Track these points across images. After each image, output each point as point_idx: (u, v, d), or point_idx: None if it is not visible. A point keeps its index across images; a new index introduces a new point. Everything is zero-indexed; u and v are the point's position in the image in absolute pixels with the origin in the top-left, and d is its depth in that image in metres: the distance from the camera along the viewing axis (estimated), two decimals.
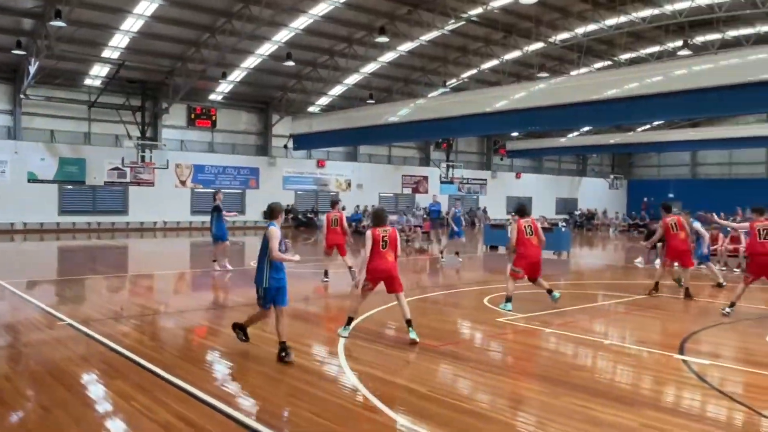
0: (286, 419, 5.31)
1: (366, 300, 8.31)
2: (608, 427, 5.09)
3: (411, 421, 5.13)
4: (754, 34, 29.50)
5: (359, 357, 7.14)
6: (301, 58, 30.27)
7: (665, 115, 27.86)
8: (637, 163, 55.16)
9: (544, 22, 29.19)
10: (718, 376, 6.72)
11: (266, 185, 35.52)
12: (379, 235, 7.98)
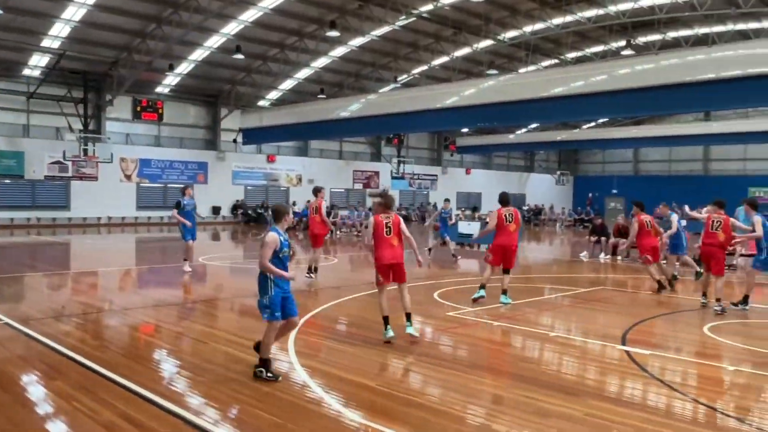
0: (234, 416, 5.24)
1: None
2: (555, 417, 5.20)
3: (361, 416, 5.13)
4: (693, 35, 30.59)
5: (309, 353, 7.11)
6: (251, 51, 29.84)
7: (609, 112, 28.69)
8: (583, 160, 56.56)
9: (493, 20, 29.58)
10: (659, 365, 6.94)
11: (215, 180, 34.92)
12: (382, 221, 7.76)
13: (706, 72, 17.26)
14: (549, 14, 28.83)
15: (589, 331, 8.69)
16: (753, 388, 6.39)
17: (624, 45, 30.65)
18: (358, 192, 42.06)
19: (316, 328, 8.38)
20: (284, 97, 36.73)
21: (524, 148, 49.90)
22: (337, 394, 5.66)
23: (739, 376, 6.70)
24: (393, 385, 6.09)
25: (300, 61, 31.70)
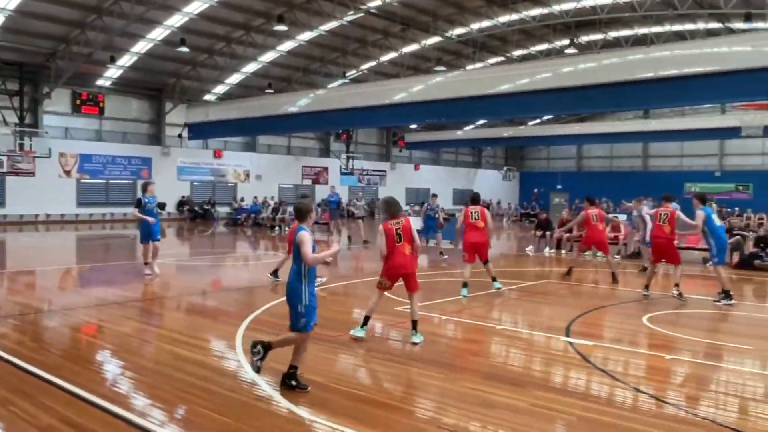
0: (181, 417, 5.14)
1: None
2: (501, 408, 5.31)
3: (310, 412, 5.11)
4: (633, 35, 31.55)
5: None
6: (196, 44, 29.23)
7: (554, 110, 29.29)
8: (528, 156, 57.69)
9: (440, 17, 29.82)
10: (601, 356, 7.16)
11: (159, 176, 34.01)
12: (392, 228, 7.44)
13: (645, 71, 17.79)
14: (495, 12, 29.24)
15: (535, 324, 8.88)
16: (689, 375, 6.67)
17: (567, 44, 31.39)
18: (307, 188, 41.83)
19: (265, 325, 8.29)
20: (231, 91, 36.14)
21: (472, 144, 50.55)
22: (285, 391, 5.62)
23: (675, 365, 6.97)
24: (343, 381, 6.09)
25: (247, 55, 31.24)
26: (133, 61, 30.67)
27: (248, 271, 15.57)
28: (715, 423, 5.08)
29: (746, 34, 22.43)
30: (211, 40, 29.87)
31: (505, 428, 4.90)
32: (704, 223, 10.35)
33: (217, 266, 15.98)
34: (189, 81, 33.71)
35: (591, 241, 13.08)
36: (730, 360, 7.28)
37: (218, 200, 36.60)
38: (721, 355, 7.51)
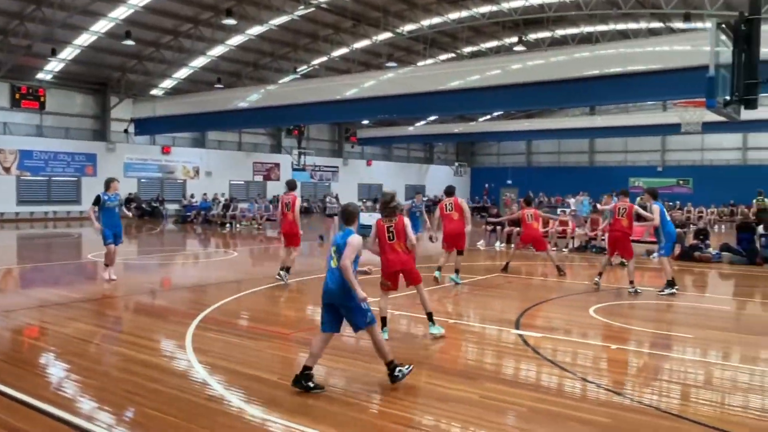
0: (129, 420, 5.02)
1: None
2: (453, 401, 5.37)
3: (263, 410, 5.07)
4: (579, 33, 32.31)
5: (208, 349, 6.92)
6: (142, 37, 28.50)
7: (503, 106, 29.78)
8: (479, 152, 58.43)
9: (391, 13, 29.90)
10: (550, 347, 7.32)
11: (105, 172, 32.97)
12: (383, 225, 7.32)
13: (590, 69, 18.23)
14: (445, 9, 29.49)
15: (486, 317, 9.02)
16: (634, 364, 6.88)
17: (516, 41, 31.92)
18: (258, 184, 41.38)
19: (215, 324, 8.18)
20: (179, 86, 35.41)
21: (423, 140, 50.91)
22: (237, 390, 5.56)
23: (621, 354, 7.19)
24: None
25: (195, 49, 30.66)
26: (75, 54, 29.70)
27: (198, 269, 15.31)
28: (658, 410, 5.25)
29: (686, 33, 23.23)
30: (157, 33, 29.18)
31: (458, 421, 4.96)
32: (659, 215, 10.81)
33: (167, 265, 15.66)
34: (135, 75, 32.84)
35: (527, 239, 13.59)
36: (673, 349, 7.55)
37: (167, 197, 35.87)
38: (664, 344, 7.78)
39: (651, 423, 4.96)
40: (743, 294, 12.03)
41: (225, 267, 15.01)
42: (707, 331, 8.27)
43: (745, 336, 8.17)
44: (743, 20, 7.72)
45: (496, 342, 7.70)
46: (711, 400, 5.60)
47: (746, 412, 5.26)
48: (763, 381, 6.25)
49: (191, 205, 33.23)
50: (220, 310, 9.12)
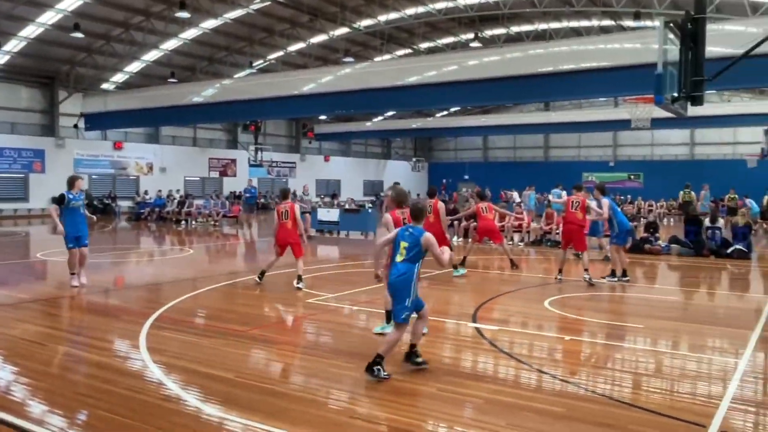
0: (82, 422, 4.89)
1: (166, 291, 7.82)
2: (410, 395, 5.40)
3: (221, 409, 5.01)
4: (533, 30, 32.76)
5: (163, 349, 6.79)
6: (92, 30, 27.69)
7: (460, 102, 29.97)
8: (437, 147, 58.81)
9: (348, 8, 29.78)
10: (507, 340, 7.44)
11: (54, 169, 32.10)
12: (399, 217, 7.39)
13: (545, 66, 18.51)
14: (402, 4, 29.54)
15: (444, 311, 9.09)
16: (587, 355, 7.04)
17: (472, 37, 32.20)
18: (215, 180, 40.77)
19: (170, 323, 8.03)
20: (131, 80, 34.56)
21: (381, 135, 50.94)
22: (194, 389, 5.47)
23: (575, 345, 7.34)
24: (253, 375, 5.99)
25: (147, 42, 29.97)
26: (21, 46, 28.69)
27: (153, 267, 15.00)
28: (610, 398, 5.39)
29: (635, 31, 23.85)
30: (108, 25, 28.40)
31: (415, 414, 4.99)
32: (609, 209, 11.40)
33: (120, 263, 15.30)
34: (85, 68, 31.92)
35: (483, 231, 13.71)
36: (624, 339, 7.75)
37: (119, 194, 35.00)
38: (616, 334, 7.97)
39: (603, 411, 5.08)
40: (691, 285, 12.42)
41: (180, 265, 14.76)
42: (657, 321, 8.51)
43: (692, 325, 8.45)
44: (690, 19, 7.95)
45: (453, 336, 7.77)
46: (661, 388, 5.77)
47: (694, 399, 5.44)
48: (710, 368, 6.47)
49: (145, 202, 32.51)
50: (175, 309, 8.96)
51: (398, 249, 6.01)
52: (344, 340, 7.56)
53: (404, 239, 5.99)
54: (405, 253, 5.94)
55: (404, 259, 5.94)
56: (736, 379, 5.93)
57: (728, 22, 18.15)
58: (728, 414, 5.02)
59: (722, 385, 5.76)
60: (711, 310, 10.06)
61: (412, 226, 6.14)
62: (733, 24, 17.41)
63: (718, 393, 5.53)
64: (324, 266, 13.77)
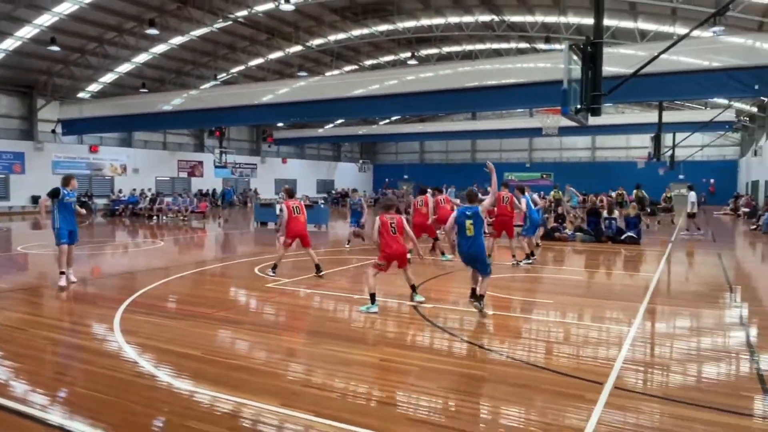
0: (62, 399, 4.70)
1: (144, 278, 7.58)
2: (356, 365, 5.42)
3: (190, 383, 4.91)
4: (462, 51, 33.17)
5: (137, 331, 6.59)
6: (68, 44, 26.43)
7: (400, 111, 30.10)
8: (380, 151, 58.88)
9: (302, 28, 29.41)
10: (441, 316, 7.54)
11: (33, 170, 30.61)
12: (387, 221, 7.88)
13: (471, 81, 18.74)
14: (349, 26, 29.37)
15: (388, 292, 9.12)
16: (506, 327, 7.21)
17: (410, 56, 32.32)
18: (183, 180, 39.71)
19: (143, 307, 7.80)
20: (105, 89, 33.16)
21: (332, 140, 50.64)
22: (166, 366, 5.34)
23: (497, 319, 7.50)
24: (219, 352, 5.89)
25: (120, 56, 28.81)
26: (0, 58, 27.11)
27: (127, 258, 14.50)
28: (527, 363, 5.55)
29: (546, 53, 24.40)
30: (83, 40, 27.15)
31: (361, 381, 5.02)
32: (525, 206, 12.21)
33: (97, 255, 14.72)
34: (61, 79, 30.45)
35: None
36: (537, 312, 7.97)
37: (96, 192, 33.62)
38: (531, 309, 8.20)
39: (519, 374, 5.22)
40: (591, 266, 12.87)
41: (152, 255, 14.32)
42: (564, 297, 8.79)
43: (593, 300, 8.77)
44: (590, 43, 8.19)
45: (395, 313, 7.81)
46: (567, 353, 5.97)
47: (595, 361, 5.66)
48: (608, 335, 6.74)
49: (119, 200, 31.36)
50: (147, 295, 8.70)
51: (464, 228, 7.34)
52: (300, 320, 7.52)
53: (468, 218, 7.32)
54: (473, 228, 7.31)
55: (477, 234, 7.33)
56: (627, 344, 6.19)
57: (621, 47, 18.80)
58: (621, 373, 5.24)
59: (617, 349, 6.00)
60: (608, 287, 10.45)
61: (468, 207, 7.45)
62: (626, 48, 18.05)
63: (614, 356, 5.77)
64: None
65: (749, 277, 11.74)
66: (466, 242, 7.40)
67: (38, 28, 24.62)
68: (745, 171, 39.59)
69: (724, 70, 13.96)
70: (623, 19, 24.26)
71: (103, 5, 23.80)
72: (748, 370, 5.47)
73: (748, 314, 7.96)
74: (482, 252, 7.38)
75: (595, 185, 43.65)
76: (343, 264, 12.29)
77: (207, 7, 24.98)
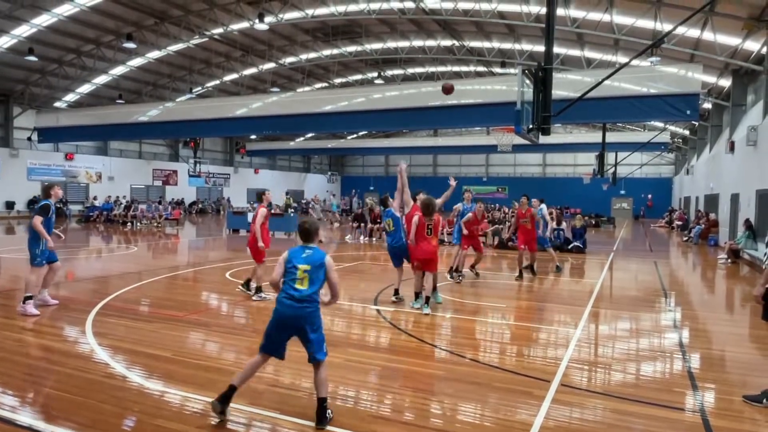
0: (31, 400, 4.50)
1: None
2: None
3: (160, 384, 4.77)
4: (425, 72, 33.54)
5: (108, 333, 6.38)
6: (46, 54, 25.62)
7: (367, 127, 30.14)
8: (348, 163, 58.83)
9: (275, 47, 29.24)
10: (403, 319, 7.54)
11: (8, 176, 29.44)
12: (425, 223, 7.78)
13: (433, 100, 18.87)
14: (320, 46, 29.36)
15: (352, 297, 9.08)
16: (461, 329, 7.26)
17: (377, 75, 32.50)
18: (158, 188, 38.81)
19: (115, 310, 7.56)
20: (82, 99, 32.23)
21: (302, 152, 50.38)
22: (138, 368, 5.18)
23: (453, 321, 7.55)
24: (189, 354, 5.74)
25: (97, 67, 28.06)
26: None
27: (101, 263, 14.04)
28: (480, 363, 5.59)
29: (502, 76, 24.89)
30: (60, 51, 26.37)
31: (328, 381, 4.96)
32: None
33: (70, 259, 14.21)
34: (38, 88, 29.45)
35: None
36: (490, 315, 8.06)
37: (70, 199, 32.52)
38: (484, 312, 8.28)
39: (473, 372, 5.26)
40: (541, 273, 13.07)
41: (126, 260, 13.92)
42: (516, 301, 8.92)
43: (542, 303, 8.92)
44: (541, 69, 8.40)
45: (359, 316, 7.78)
46: (517, 353, 6.05)
47: (543, 360, 5.75)
48: (556, 336, 6.86)
49: (94, 206, 30.41)
50: (120, 298, 8.44)
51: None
52: (266, 322, 7.40)
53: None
54: (391, 224, 8.23)
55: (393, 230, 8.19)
56: (573, 344, 6.32)
57: (569, 72, 19.34)
58: (567, 371, 5.34)
59: (564, 349, 6.11)
60: (556, 292, 10.65)
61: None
62: (573, 74, 18.58)
63: (561, 355, 5.87)
64: (250, 260, 13.39)
65: (682, 284, 12.15)
66: (390, 238, 8.46)
67: (16, 38, 23.82)
68: (678, 188, 41.13)
69: (660, 97, 14.50)
70: (571, 48, 24.97)
71: (81, 18, 23.19)
72: (680, 368, 5.64)
73: (681, 317, 8.24)
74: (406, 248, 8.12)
75: (545, 198, 44.26)
76: None
77: (184, 23, 24.61)
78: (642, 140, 29.09)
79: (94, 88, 31.43)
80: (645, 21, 18.74)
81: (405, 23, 25.55)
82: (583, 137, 35.90)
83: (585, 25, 20.45)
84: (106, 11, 22.88)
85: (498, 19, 22.49)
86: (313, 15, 23.90)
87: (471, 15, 22.29)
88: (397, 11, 23.15)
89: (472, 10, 21.99)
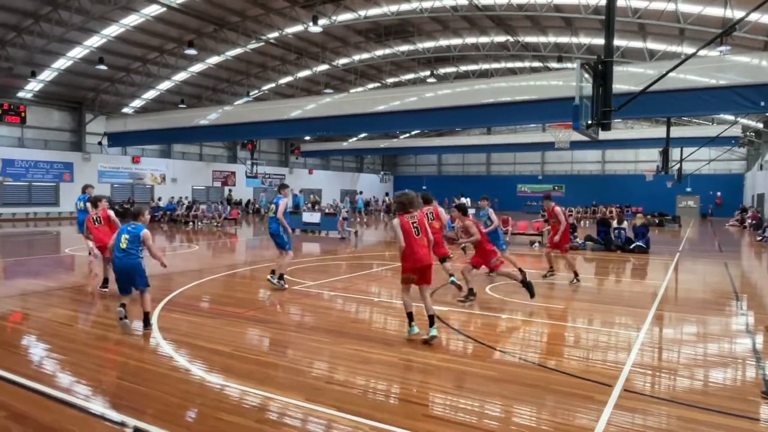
0: (102, 389, 4.77)
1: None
2: (376, 363, 5.40)
3: (220, 378, 4.94)
4: (478, 69, 33.12)
5: (173, 329, 6.68)
6: (114, 63, 27.10)
7: (419, 126, 30.16)
8: (400, 163, 58.93)
9: (329, 49, 29.68)
10: (455, 318, 7.47)
11: (81, 179, 31.19)
12: (407, 222, 6.15)
13: (487, 98, 18.64)
14: (373, 47, 29.55)
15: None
16: (518, 330, 7.12)
17: (429, 74, 32.37)
18: (218, 189, 40.26)
19: (178, 306, 7.90)
20: (147, 105, 33.88)
21: (355, 153, 50.86)
22: (199, 362, 5.39)
23: (509, 323, 7.42)
24: (245, 349, 5.92)
25: (161, 74, 29.44)
26: (53, 76, 27.95)
27: (166, 261, 14.68)
28: (538, 365, 5.46)
29: (559, 71, 24.22)
30: (128, 60, 27.82)
31: (380, 379, 5.00)
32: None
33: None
34: (108, 95, 31.21)
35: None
36: (549, 317, 7.85)
37: (137, 200, 34.25)
38: (542, 313, 8.05)
39: (530, 375, 5.15)
40: (601, 273, 12.66)
41: (188, 258, 14.51)
42: (575, 303, 8.66)
43: (603, 305, 8.62)
44: (600, 62, 8.12)
45: (415, 316, 7.75)
46: (577, 356, 5.87)
47: (604, 364, 5.55)
48: (617, 340, 6.61)
49: (158, 207, 31.89)
50: (183, 295, 8.81)
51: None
52: (323, 320, 7.52)
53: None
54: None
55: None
56: (636, 348, 6.07)
57: (631, 65, 18.58)
58: (630, 375, 5.14)
59: (626, 353, 5.89)
60: (618, 293, 10.26)
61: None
62: (635, 67, 17.83)
63: (623, 359, 5.66)
64: (306, 260, 13.66)
65: (755, 286, 11.44)
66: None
67: (88, 48, 25.31)
68: (751, 184, 38.67)
69: (730, 88, 13.69)
70: (633, 40, 24.00)
71: (146, 28, 24.37)
72: (753, 376, 5.31)
73: (754, 322, 7.76)
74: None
75: (604, 196, 43.05)
76: (365, 269, 12.28)
77: (241, 29, 25.39)
78: (710, 134, 27.54)
79: (158, 94, 32.96)
80: (713, 8, 17.75)
81: (457, 20, 25.32)
82: (645, 132, 34.38)
83: (647, 15, 19.60)
84: (169, 20, 23.95)
85: (554, 13, 21.90)
86: (366, 16, 24.09)
87: (526, 9, 21.83)
88: (449, 9, 22.98)
89: (527, 4, 21.53)
